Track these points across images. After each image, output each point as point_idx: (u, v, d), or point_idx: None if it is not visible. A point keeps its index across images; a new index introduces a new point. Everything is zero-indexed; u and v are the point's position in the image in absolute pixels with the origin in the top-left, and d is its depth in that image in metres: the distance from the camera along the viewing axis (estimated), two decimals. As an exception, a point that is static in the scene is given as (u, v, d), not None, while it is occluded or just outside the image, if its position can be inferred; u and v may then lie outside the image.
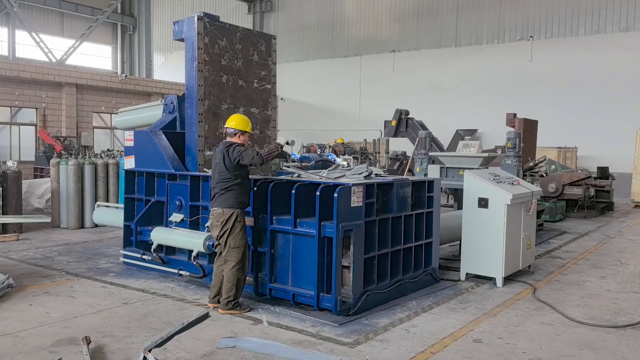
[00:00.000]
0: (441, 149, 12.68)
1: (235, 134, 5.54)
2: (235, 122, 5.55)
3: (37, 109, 19.59)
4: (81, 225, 10.46)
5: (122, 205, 7.70)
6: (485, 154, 9.38)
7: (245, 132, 5.56)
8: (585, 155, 20.21)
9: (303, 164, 9.22)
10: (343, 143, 19.60)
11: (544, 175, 14.10)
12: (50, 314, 5.31)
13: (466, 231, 6.81)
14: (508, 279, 6.78)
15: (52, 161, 10.85)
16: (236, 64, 7.26)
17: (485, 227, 6.59)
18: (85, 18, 28.75)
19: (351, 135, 23.85)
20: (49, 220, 8.74)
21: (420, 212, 6.45)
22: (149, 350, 3.84)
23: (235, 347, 4.48)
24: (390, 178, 6.37)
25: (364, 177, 6.01)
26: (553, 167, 14.79)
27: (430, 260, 6.64)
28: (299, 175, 6.40)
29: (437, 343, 4.72)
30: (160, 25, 31.97)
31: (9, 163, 9.96)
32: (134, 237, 7.21)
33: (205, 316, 4.13)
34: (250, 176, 6.16)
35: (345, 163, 8.31)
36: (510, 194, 6.46)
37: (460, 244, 7.25)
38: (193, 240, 6.48)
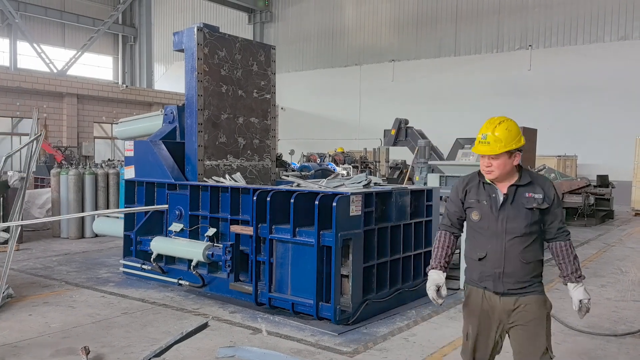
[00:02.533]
0: (441, 158, 12.70)
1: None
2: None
3: (38, 119, 19.65)
4: (81, 235, 10.47)
5: (122, 215, 7.71)
6: (485, 163, 9.40)
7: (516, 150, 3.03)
8: (585, 163, 20.23)
9: (303, 173, 9.25)
10: (343, 152, 19.65)
11: (544, 183, 14.09)
12: (49, 324, 5.31)
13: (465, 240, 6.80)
14: (508, 288, 6.77)
15: (53, 171, 10.88)
16: (236, 74, 7.31)
17: (485, 235, 6.57)
18: (87, 29, 28.91)
19: (351, 144, 23.89)
20: None
21: (420, 221, 6.46)
22: (148, 360, 3.85)
23: (234, 356, 4.48)
24: (389, 187, 6.38)
25: (363, 186, 6.03)
26: (553, 175, 14.80)
27: (429, 269, 6.64)
28: (298, 185, 6.42)
29: (436, 352, 4.71)
30: (161, 36, 32.13)
31: (10, 173, 9.99)
32: (134, 247, 7.22)
33: (204, 326, 4.14)
34: (249, 185, 6.13)
35: (344, 172, 8.35)
36: (509, 202, 6.46)
37: (459, 253, 7.24)
38: (193, 250, 6.49)
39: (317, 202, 5.31)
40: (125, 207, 7.52)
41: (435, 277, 3.13)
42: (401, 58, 25.51)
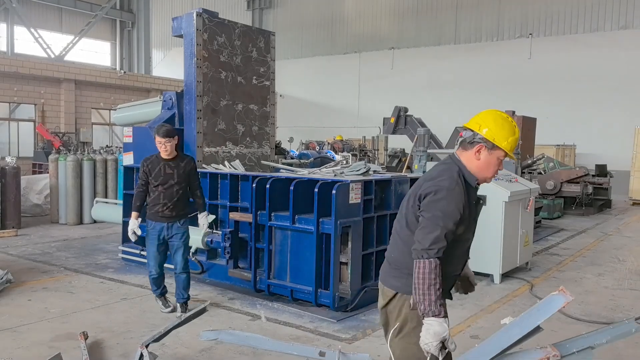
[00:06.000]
0: (440, 146, 12.69)
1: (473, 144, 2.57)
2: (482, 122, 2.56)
3: (35, 105, 19.57)
4: (80, 221, 10.46)
5: (121, 201, 7.70)
6: (484, 151, 9.39)
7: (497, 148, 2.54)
8: (584, 152, 20.24)
9: (302, 160, 9.24)
10: (342, 140, 19.62)
11: (543, 172, 14.12)
12: (49, 310, 5.32)
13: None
14: (505, 276, 6.80)
15: (51, 157, 10.85)
16: (235, 60, 7.26)
17: (483, 224, 6.56)
18: (84, 14, 28.67)
19: (350, 132, 23.84)
20: None
21: (418, 209, 6.45)
22: (146, 346, 3.85)
23: (217, 339, 4.47)
24: (388, 175, 6.38)
25: (362, 174, 6.03)
26: (551, 164, 14.83)
27: (428, 256, 6.65)
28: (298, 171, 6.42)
29: (434, 339, 4.74)
30: (159, 21, 31.90)
31: (8, 159, 9.96)
32: (133, 233, 7.20)
33: (203, 310, 4.14)
34: (248, 172, 6.12)
35: (343, 160, 8.32)
36: (508, 191, 6.48)
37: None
38: (192, 237, 6.48)
39: (316, 190, 5.30)
40: (125, 194, 7.49)
41: (438, 330, 2.29)
42: (401, 46, 25.37)
